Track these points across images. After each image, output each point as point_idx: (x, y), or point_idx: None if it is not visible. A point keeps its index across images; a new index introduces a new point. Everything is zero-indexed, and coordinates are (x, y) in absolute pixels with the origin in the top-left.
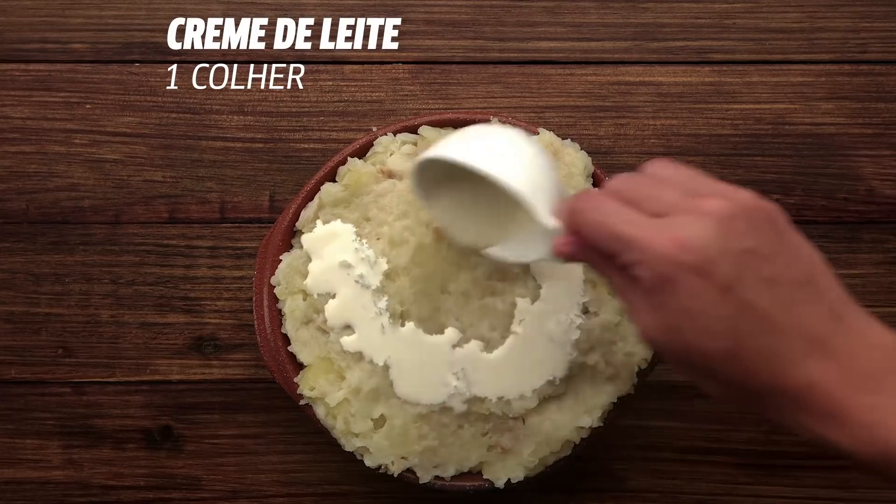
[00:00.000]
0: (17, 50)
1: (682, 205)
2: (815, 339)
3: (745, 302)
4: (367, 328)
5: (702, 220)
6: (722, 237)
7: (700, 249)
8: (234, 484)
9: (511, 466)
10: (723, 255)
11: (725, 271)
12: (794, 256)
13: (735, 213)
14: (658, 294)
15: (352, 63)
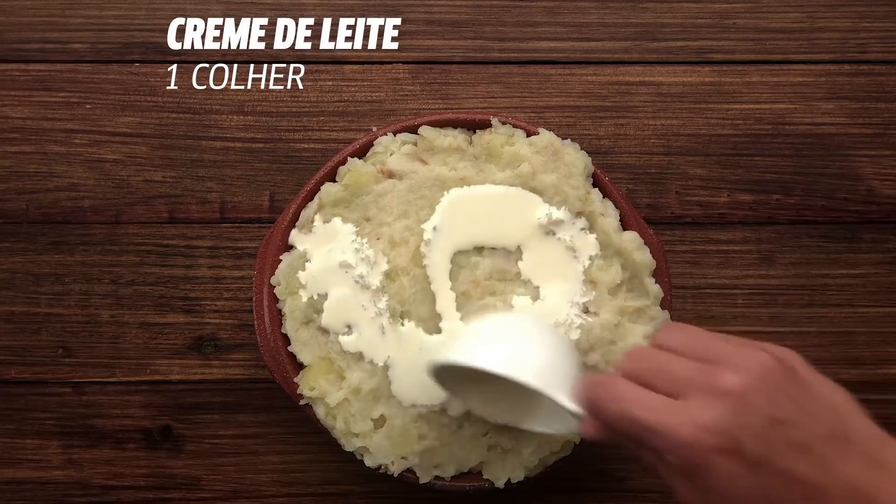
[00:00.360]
0: (17, 50)
1: (698, 381)
2: (859, 494)
3: (781, 473)
4: (367, 328)
5: (718, 401)
6: (741, 415)
7: (723, 432)
8: (234, 484)
9: (511, 466)
10: (746, 432)
11: (753, 448)
12: (818, 410)
13: (750, 385)
14: (692, 478)
15: (352, 63)
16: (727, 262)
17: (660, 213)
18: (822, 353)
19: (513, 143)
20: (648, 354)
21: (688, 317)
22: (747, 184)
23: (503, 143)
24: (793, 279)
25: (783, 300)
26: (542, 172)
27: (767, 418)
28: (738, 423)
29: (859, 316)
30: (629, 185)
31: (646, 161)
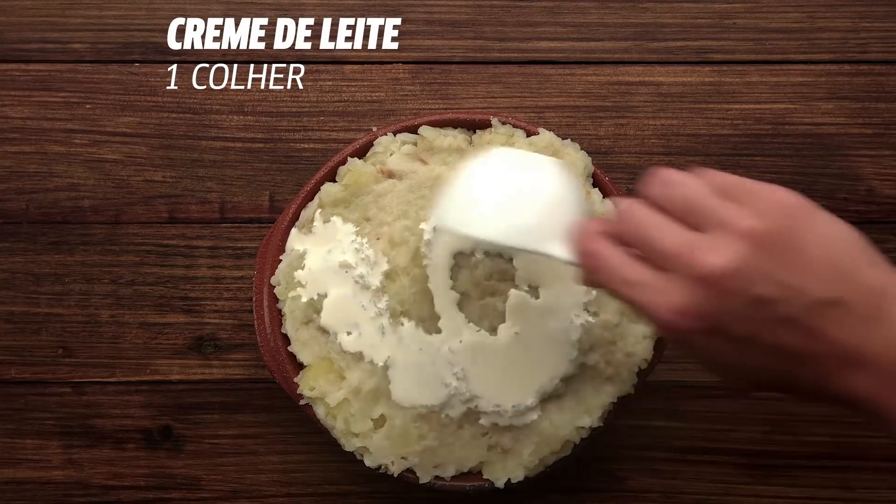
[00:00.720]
0: (17, 50)
1: (679, 260)
2: (850, 354)
3: (768, 346)
4: (367, 328)
5: (697, 286)
6: (721, 299)
7: (703, 316)
8: (234, 484)
9: (511, 466)
10: (728, 316)
11: (736, 329)
12: (812, 273)
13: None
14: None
15: (352, 63)
16: None
17: None
18: None
19: (513, 143)
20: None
21: None
22: None
23: (503, 143)
24: None
25: None
26: None
27: (749, 299)
28: (718, 308)
29: None
30: (629, 185)
31: (646, 161)
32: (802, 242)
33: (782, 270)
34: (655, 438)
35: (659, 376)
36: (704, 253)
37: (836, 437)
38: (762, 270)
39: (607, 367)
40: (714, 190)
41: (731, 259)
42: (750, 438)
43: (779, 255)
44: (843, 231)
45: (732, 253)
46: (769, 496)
